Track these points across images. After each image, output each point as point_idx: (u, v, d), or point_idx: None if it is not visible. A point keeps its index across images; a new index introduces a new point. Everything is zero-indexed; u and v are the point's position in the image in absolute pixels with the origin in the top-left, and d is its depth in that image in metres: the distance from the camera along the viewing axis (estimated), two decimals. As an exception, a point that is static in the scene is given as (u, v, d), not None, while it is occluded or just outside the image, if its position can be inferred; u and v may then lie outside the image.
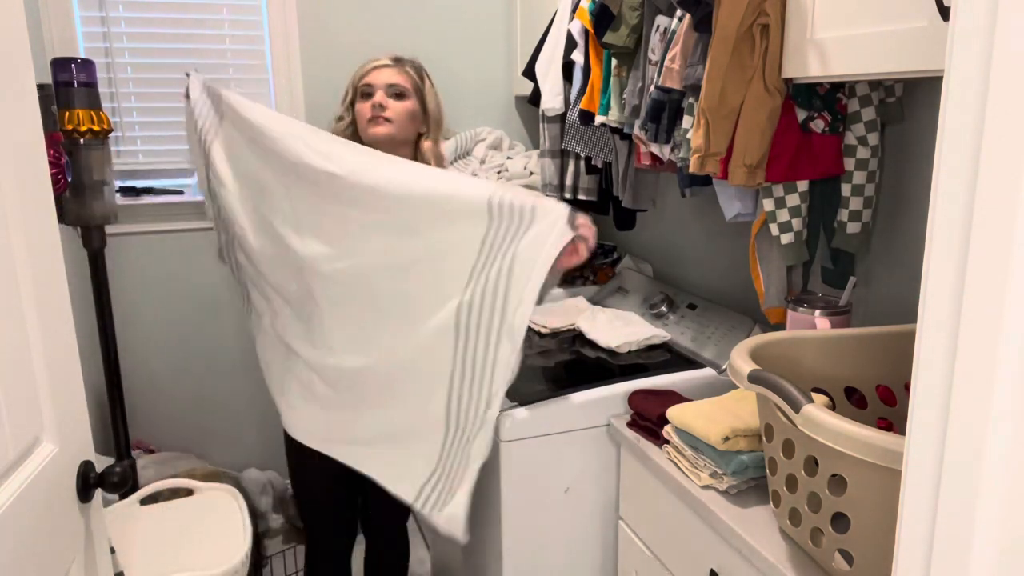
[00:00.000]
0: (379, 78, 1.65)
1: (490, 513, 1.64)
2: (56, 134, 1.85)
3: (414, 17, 2.61)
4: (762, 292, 1.57)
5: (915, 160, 1.39)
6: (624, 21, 1.64)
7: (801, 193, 1.42)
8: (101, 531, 1.10)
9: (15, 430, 0.87)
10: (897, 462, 0.76)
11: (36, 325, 0.92)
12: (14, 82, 0.90)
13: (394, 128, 1.64)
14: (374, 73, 1.65)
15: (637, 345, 1.83)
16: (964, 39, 0.50)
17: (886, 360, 1.20)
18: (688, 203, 2.04)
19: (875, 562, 0.93)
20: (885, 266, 1.48)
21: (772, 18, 1.24)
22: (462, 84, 2.70)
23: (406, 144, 1.70)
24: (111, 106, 2.32)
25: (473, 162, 2.59)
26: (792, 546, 1.11)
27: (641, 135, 1.63)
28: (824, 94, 1.36)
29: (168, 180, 2.46)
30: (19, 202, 0.89)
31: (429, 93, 1.70)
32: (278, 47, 2.46)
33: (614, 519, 1.63)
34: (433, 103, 1.71)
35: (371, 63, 1.68)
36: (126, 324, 2.38)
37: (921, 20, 1.01)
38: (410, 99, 1.66)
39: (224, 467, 2.46)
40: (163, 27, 2.37)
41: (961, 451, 0.52)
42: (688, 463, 1.32)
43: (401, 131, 1.66)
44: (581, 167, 2.09)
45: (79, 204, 1.96)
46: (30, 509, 0.88)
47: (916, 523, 0.56)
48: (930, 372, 0.54)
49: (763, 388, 1.02)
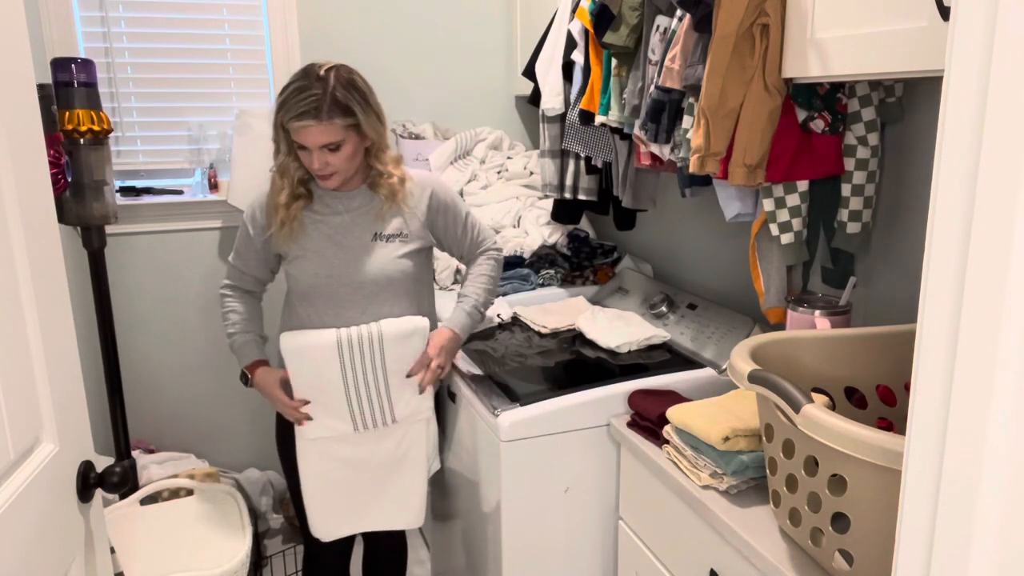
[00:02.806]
0: (310, 139, 1.52)
1: (490, 513, 1.64)
2: (56, 134, 1.85)
3: (414, 17, 2.61)
4: (762, 292, 1.57)
5: (915, 160, 1.39)
6: (624, 21, 1.64)
7: (801, 193, 1.42)
8: (101, 531, 1.10)
9: (15, 430, 0.87)
10: (897, 462, 0.76)
11: (36, 325, 0.92)
12: (14, 82, 0.90)
13: (341, 175, 1.60)
14: (302, 134, 1.52)
15: (637, 345, 1.83)
16: (964, 39, 0.50)
17: (886, 360, 1.20)
18: (688, 203, 2.04)
19: (875, 562, 0.93)
20: (885, 266, 1.48)
21: (772, 18, 1.24)
22: (462, 84, 2.71)
23: (358, 171, 1.65)
24: (111, 106, 2.32)
25: (473, 162, 2.59)
26: (792, 546, 1.11)
27: (641, 135, 1.63)
28: (824, 94, 1.36)
29: (168, 180, 2.46)
30: (19, 202, 0.89)
31: (365, 120, 1.55)
32: (278, 47, 2.46)
33: (614, 519, 1.63)
34: (370, 125, 1.57)
35: (296, 115, 1.50)
36: (126, 324, 2.38)
37: (921, 20, 1.01)
38: (347, 143, 1.55)
39: (224, 467, 2.46)
40: (163, 27, 2.37)
41: (961, 451, 0.52)
42: (688, 463, 1.32)
43: (349, 171, 1.61)
44: (581, 167, 2.09)
45: (79, 204, 1.96)
46: (30, 509, 0.88)
47: (916, 523, 0.56)
48: (930, 372, 0.54)
49: (763, 388, 1.02)
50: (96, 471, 1.05)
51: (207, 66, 2.43)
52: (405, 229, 1.68)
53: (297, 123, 1.50)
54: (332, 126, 1.51)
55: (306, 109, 1.49)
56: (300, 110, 1.49)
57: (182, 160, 2.45)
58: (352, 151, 1.57)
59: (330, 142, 1.53)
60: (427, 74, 2.66)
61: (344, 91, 1.52)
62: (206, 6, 2.39)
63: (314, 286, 1.65)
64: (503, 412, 1.54)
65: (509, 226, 2.42)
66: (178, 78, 2.40)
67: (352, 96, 1.53)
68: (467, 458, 1.78)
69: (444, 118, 2.70)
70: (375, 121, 1.59)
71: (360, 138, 1.58)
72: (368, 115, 1.56)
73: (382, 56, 2.60)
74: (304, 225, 1.64)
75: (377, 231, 1.66)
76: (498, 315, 2.09)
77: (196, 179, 2.44)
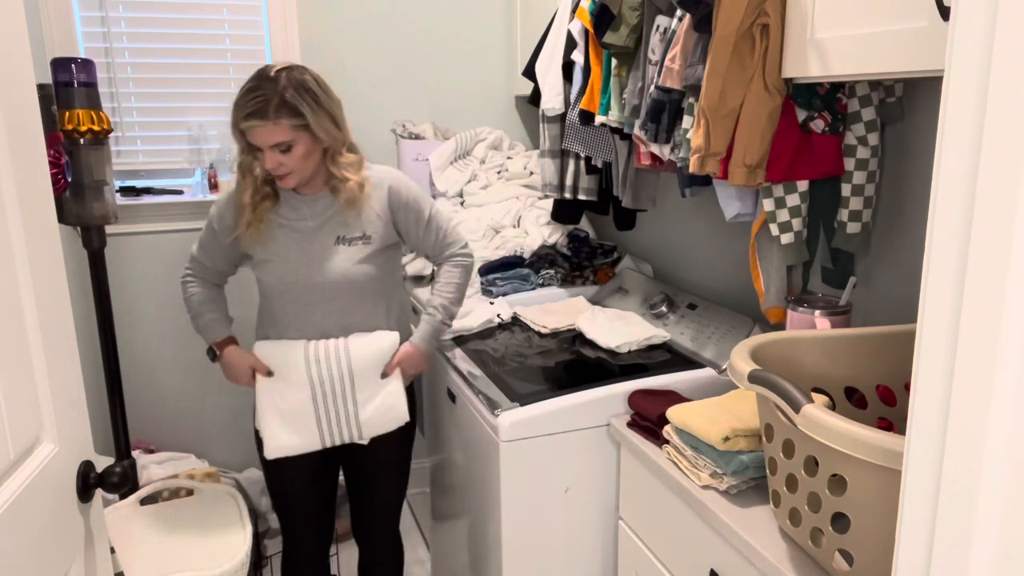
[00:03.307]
0: (260, 138, 1.52)
1: (490, 513, 1.64)
2: (56, 134, 1.85)
3: (414, 17, 2.61)
4: (762, 292, 1.57)
5: (915, 160, 1.39)
6: (624, 21, 1.64)
7: (801, 193, 1.42)
8: (101, 531, 1.10)
9: (15, 430, 0.87)
10: (897, 462, 0.76)
11: (36, 325, 0.92)
12: (14, 82, 0.90)
13: (297, 175, 1.59)
14: (253, 133, 1.52)
15: (637, 345, 1.83)
16: (964, 39, 0.50)
17: (886, 360, 1.20)
18: (688, 203, 2.04)
19: (875, 562, 0.93)
20: (885, 266, 1.48)
21: (772, 18, 1.24)
22: (462, 84, 2.71)
23: (318, 172, 1.63)
24: (111, 106, 2.32)
25: (473, 162, 2.59)
26: (792, 546, 1.11)
27: (641, 135, 1.63)
28: (824, 94, 1.36)
29: (168, 180, 2.46)
30: (19, 202, 0.89)
31: (314, 121, 1.54)
32: (278, 47, 2.46)
33: (614, 519, 1.63)
34: (321, 126, 1.55)
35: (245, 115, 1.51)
36: (126, 324, 2.38)
37: (921, 20, 1.01)
38: (299, 144, 1.54)
39: (224, 467, 2.46)
40: (163, 27, 2.37)
41: (961, 451, 0.52)
42: (688, 463, 1.32)
43: (306, 171, 1.60)
44: (581, 167, 2.09)
45: (79, 204, 1.96)
46: (30, 509, 0.88)
47: (916, 523, 0.56)
48: (930, 372, 0.54)
49: (763, 388, 1.02)
50: (96, 471, 1.04)
51: (207, 66, 2.43)
52: (368, 230, 1.67)
53: (245, 123, 1.52)
54: (279, 126, 1.51)
55: (253, 109, 1.50)
56: (248, 110, 1.51)
57: (182, 160, 2.45)
58: (305, 152, 1.56)
59: (279, 142, 1.52)
60: (427, 74, 2.66)
61: (294, 92, 1.52)
62: (206, 6, 2.39)
63: (281, 291, 1.68)
64: (503, 412, 1.54)
65: (509, 226, 2.42)
66: (178, 78, 2.40)
67: (301, 97, 1.52)
68: (467, 458, 1.78)
69: (444, 118, 2.70)
70: (328, 123, 1.57)
71: (313, 139, 1.56)
72: (319, 116, 1.55)
73: (382, 56, 2.60)
74: (272, 229, 1.65)
75: (340, 235, 1.66)
76: (498, 315, 2.09)
77: (196, 179, 2.44)
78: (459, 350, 1.91)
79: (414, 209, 1.72)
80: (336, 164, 1.62)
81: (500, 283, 2.27)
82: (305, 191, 1.67)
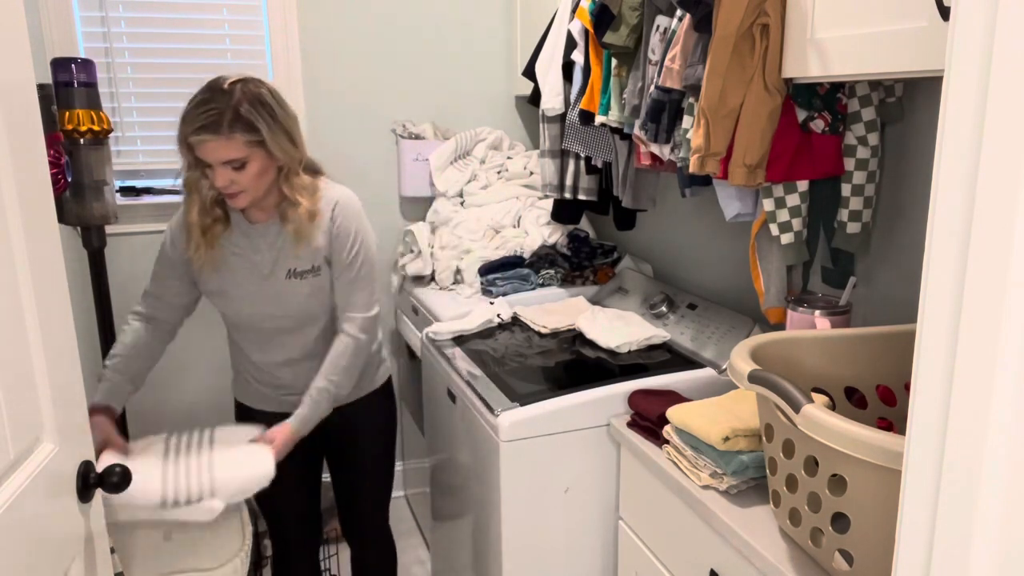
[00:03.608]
0: (211, 154, 1.43)
1: (490, 513, 1.64)
2: (56, 134, 1.85)
3: (414, 18, 2.61)
4: (762, 292, 1.57)
5: (915, 160, 1.39)
6: (624, 21, 1.64)
7: (801, 193, 1.42)
8: (101, 531, 1.10)
9: (15, 430, 0.87)
10: (897, 462, 0.76)
11: (36, 325, 0.92)
12: (14, 82, 0.90)
13: (250, 195, 1.50)
14: (203, 148, 1.43)
15: (637, 345, 1.83)
16: (964, 39, 0.50)
17: (886, 360, 1.20)
18: (688, 203, 2.04)
19: (875, 562, 0.93)
20: (885, 266, 1.48)
21: (772, 18, 1.24)
22: (462, 84, 2.71)
23: (271, 191, 1.54)
24: (111, 106, 2.32)
25: (473, 162, 2.59)
26: (792, 546, 1.11)
27: (641, 135, 1.63)
28: (824, 94, 1.36)
29: (168, 180, 2.46)
30: (19, 202, 0.89)
31: (270, 138, 1.45)
32: (278, 47, 2.46)
33: (614, 519, 1.63)
34: (277, 143, 1.47)
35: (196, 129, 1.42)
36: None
37: (921, 20, 1.01)
38: (253, 161, 1.45)
39: (224, 467, 2.46)
40: (163, 27, 2.37)
41: (961, 451, 0.52)
42: (688, 463, 1.32)
43: (259, 190, 1.51)
44: (581, 167, 2.09)
45: (79, 204, 1.96)
46: (30, 509, 0.88)
47: (916, 523, 0.56)
48: (930, 372, 0.54)
49: (763, 388, 1.02)
50: (96, 471, 1.05)
51: (207, 66, 2.43)
52: (316, 262, 1.59)
53: (195, 137, 1.42)
54: (233, 141, 1.42)
55: (206, 123, 1.41)
56: (199, 124, 1.41)
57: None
58: (259, 170, 1.47)
59: (232, 159, 1.43)
60: (427, 74, 2.66)
61: (249, 106, 1.43)
62: (206, 6, 2.39)
63: (237, 324, 1.67)
64: (503, 412, 1.54)
65: (509, 226, 2.42)
66: (178, 78, 2.40)
67: (257, 112, 1.44)
68: (467, 458, 1.78)
69: (444, 118, 2.70)
70: (284, 140, 1.48)
71: (268, 156, 1.47)
72: (275, 133, 1.46)
73: (382, 56, 2.60)
74: (226, 257, 1.59)
75: (292, 267, 1.58)
76: (498, 315, 2.09)
77: (196, 179, 2.43)
78: (459, 350, 1.91)
79: (344, 240, 1.58)
80: (290, 184, 1.53)
81: (500, 283, 2.27)
82: (257, 217, 1.59)
